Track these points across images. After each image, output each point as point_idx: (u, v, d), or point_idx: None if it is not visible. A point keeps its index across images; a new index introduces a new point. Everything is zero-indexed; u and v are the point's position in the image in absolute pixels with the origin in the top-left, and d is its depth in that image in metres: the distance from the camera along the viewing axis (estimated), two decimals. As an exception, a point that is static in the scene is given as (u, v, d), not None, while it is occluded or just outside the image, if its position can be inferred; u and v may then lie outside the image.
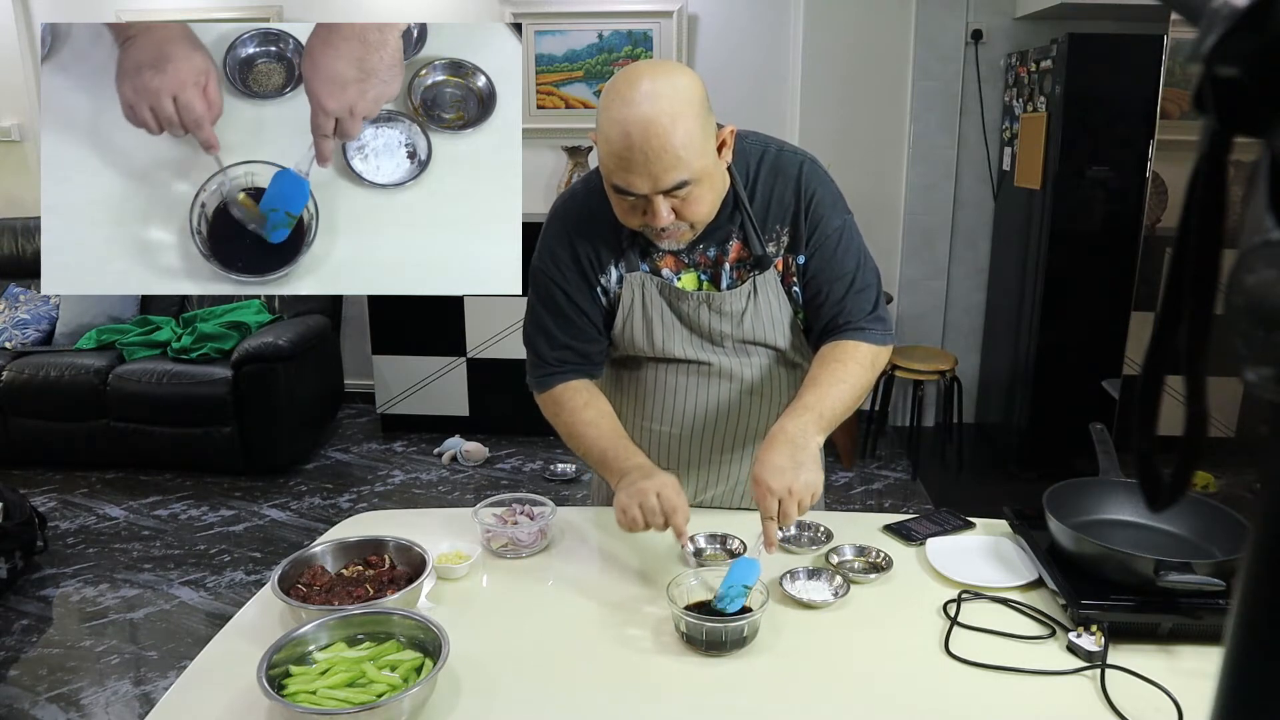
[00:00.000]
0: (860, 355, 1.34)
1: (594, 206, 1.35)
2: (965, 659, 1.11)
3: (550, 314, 1.40)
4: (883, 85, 4.07)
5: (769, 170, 1.35)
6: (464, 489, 3.73)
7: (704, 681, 1.08)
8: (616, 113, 1.16)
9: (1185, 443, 0.39)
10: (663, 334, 1.39)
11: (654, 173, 1.17)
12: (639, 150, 1.15)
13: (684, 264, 1.37)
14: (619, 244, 1.36)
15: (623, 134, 1.16)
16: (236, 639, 1.17)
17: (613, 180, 1.21)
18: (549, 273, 1.39)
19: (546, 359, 1.41)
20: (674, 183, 1.18)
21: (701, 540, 1.36)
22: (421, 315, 4.08)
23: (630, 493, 1.24)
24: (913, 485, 3.76)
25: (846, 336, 1.36)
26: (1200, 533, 1.25)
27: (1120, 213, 3.37)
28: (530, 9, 4.11)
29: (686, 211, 1.23)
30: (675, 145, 1.15)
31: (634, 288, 1.37)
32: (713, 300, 1.36)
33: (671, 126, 1.15)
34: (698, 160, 1.19)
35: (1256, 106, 0.33)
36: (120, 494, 3.66)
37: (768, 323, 1.39)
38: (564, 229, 1.38)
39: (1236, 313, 0.34)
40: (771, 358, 1.43)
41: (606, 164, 1.21)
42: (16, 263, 4.32)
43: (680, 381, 1.44)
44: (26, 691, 2.39)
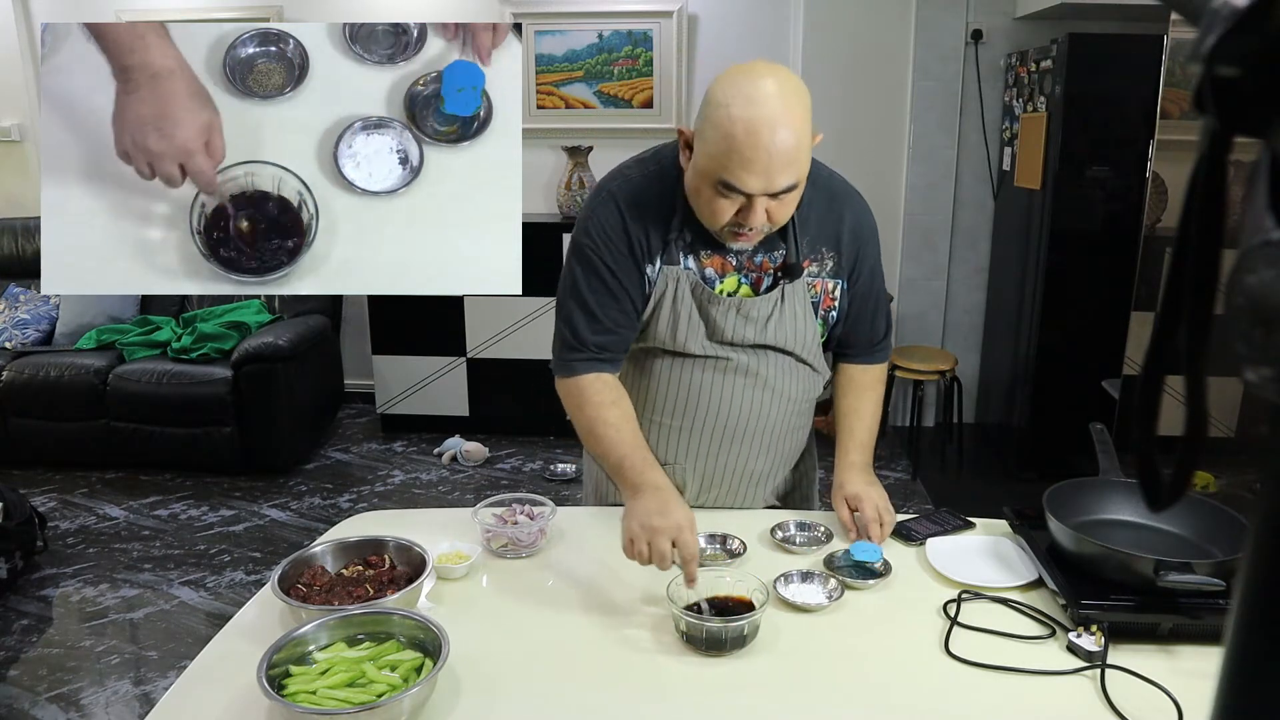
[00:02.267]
0: (883, 375, 1.58)
1: (647, 191, 1.35)
2: (965, 659, 1.11)
3: (594, 289, 1.36)
4: (883, 85, 4.07)
5: (823, 193, 1.39)
6: (464, 489, 3.73)
7: (704, 681, 1.08)
8: (740, 110, 1.16)
9: (1185, 443, 0.39)
10: (686, 332, 1.38)
11: (771, 173, 1.17)
12: (764, 149, 1.16)
13: (731, 266, 1.37)
14: (666, 234, 1.35)
15: (751, 133, 1.15)
16: (236, 639, 1.17)
17: (722, 176, 1.20)
18: (597, 246, 1.35)
19: (585, 341, 1.37)
20: (786, 185, 1.20)
21: (702, 540, 1.34)
22: (421, 315, 4.08)
23: (643, 528, 1.20)
24: (913, 485, 3.76)
25: (873, 358, 1.55)
26: (1200, 533, 1.25)
27: (1120, 213, 3.37)
28: (530, 9, 4.11)
29: (778, 213, 1.24)
30: (793, 147, 1.17)
31: (669, 281, 1.36)
32: (743, 306, 1.36)
33: (796, 133, 1.17)
34: (805, 164, 1.22)
35: (1256, 106, 0.33)
36: (120, 494, 3.66)
37: (790, 331, 1.39)
38: (616, 207, 1.35)
39: (1236, 313, 0.34)
40: (786, 359, 1.44)
41: (718, 160, 1.19)
42: (16, 263, 4.32)
43: (695, 377, 1.43)
44: (26, 691, 2.39)
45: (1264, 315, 0.33)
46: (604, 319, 1.36)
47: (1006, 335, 3.93)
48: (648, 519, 1.20)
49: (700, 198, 1.26)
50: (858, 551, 1.32)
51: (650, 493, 1.25)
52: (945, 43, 3.95)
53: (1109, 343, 3.39)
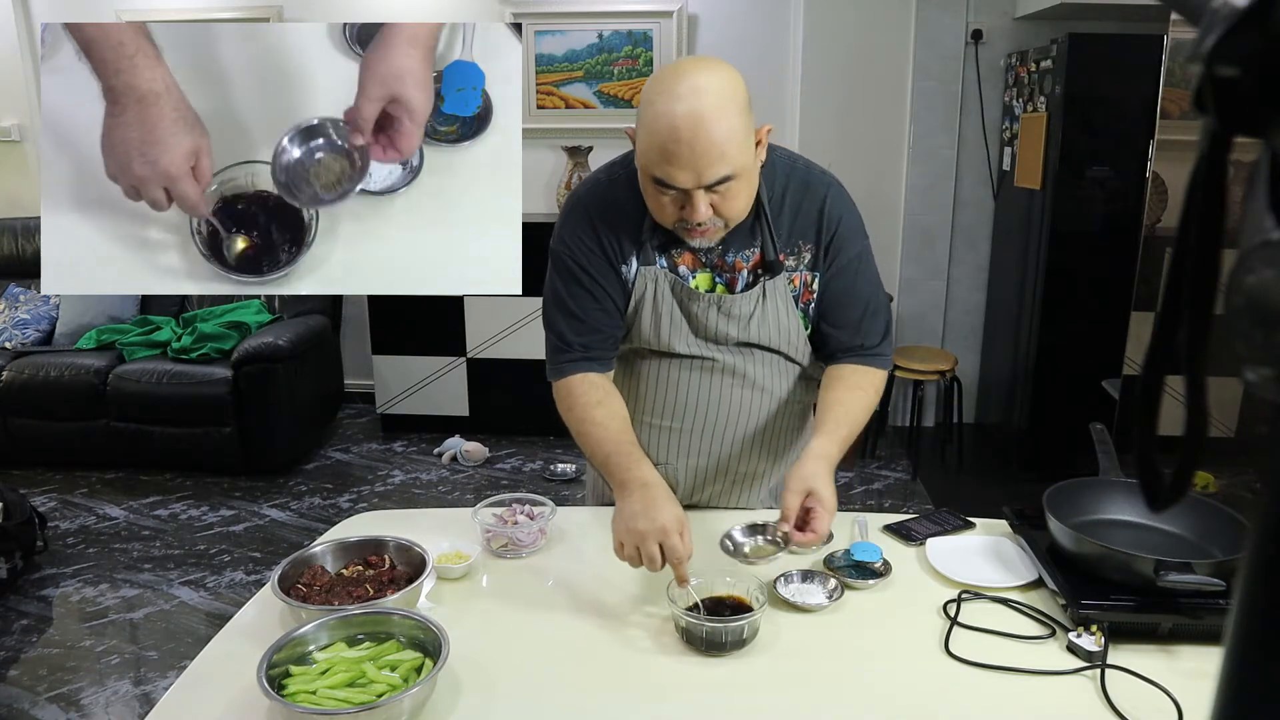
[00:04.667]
0: (878, 381, 1.42)
1: (616, 196, 1.36)
2: (965, 659, 1.11)
3: (573, 294, 1.38)
4: (883, 85, 4.07)
5: (798, 186, 1.37)
6: (464, 489, 3.73)
7: (704, 681, 1.08)
8: (663, 106, 1.17)
9: (1185, 443, 0.39)
10: (669, 330, 1.39)
11: (698, 167, 1.18)
12: (685, 144, 1.16)
13: (701, 264, 1.38)
14: (639, 236, 1.36)
15: (670, 127, 1.16)
16: (236, 639, 1.17)
17: (654, 173, 1.21)
18: (572, 252, 1.38)
19: (570, 343, 1.39)
20: (717, 177, 1.19)
21: (739, 534, 1.27)
22: (421, 315, 4.08)
23: (629, 532, 1.18)
24: (913, 485, 3.76)
25: (866, 362, 1.42)
26: (1200, 533, 1.25)
27: (1120, 213, 3.37)
28: (530, 9, 4.11)
29: (724, 207, 1.24)
30: (720, 140, 1.16)
31: (648, 281, 1.37)
32: (723, 303, 1.37)
33: (717, 121, 1.16)
34: (740, 156, 1.20)
35: (1256, 106, 0.33)
36: (120, 494, 3.66)
37: (774, 328, 1.39)
38: (586, 214, 1.39)
39: (1236, 313, 0.34)
40: (774, 358, 1.44)
41: (649, 156, 1.21)
42: (16, 263, 4.32)
43: (682, 377, 1.44)
44: (26, 691, 2.39)
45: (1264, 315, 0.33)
46: (586, 319, 1.38)
47: (1006, 335, 3.93)
48: (633, 522, 1.18)
49: (647, 196, 1.28)
50: (858, 551, 1.32)
51: (637, 492, 1.22)
52: (945, 43, 3.95)
53: (1109, 343, 3.39)
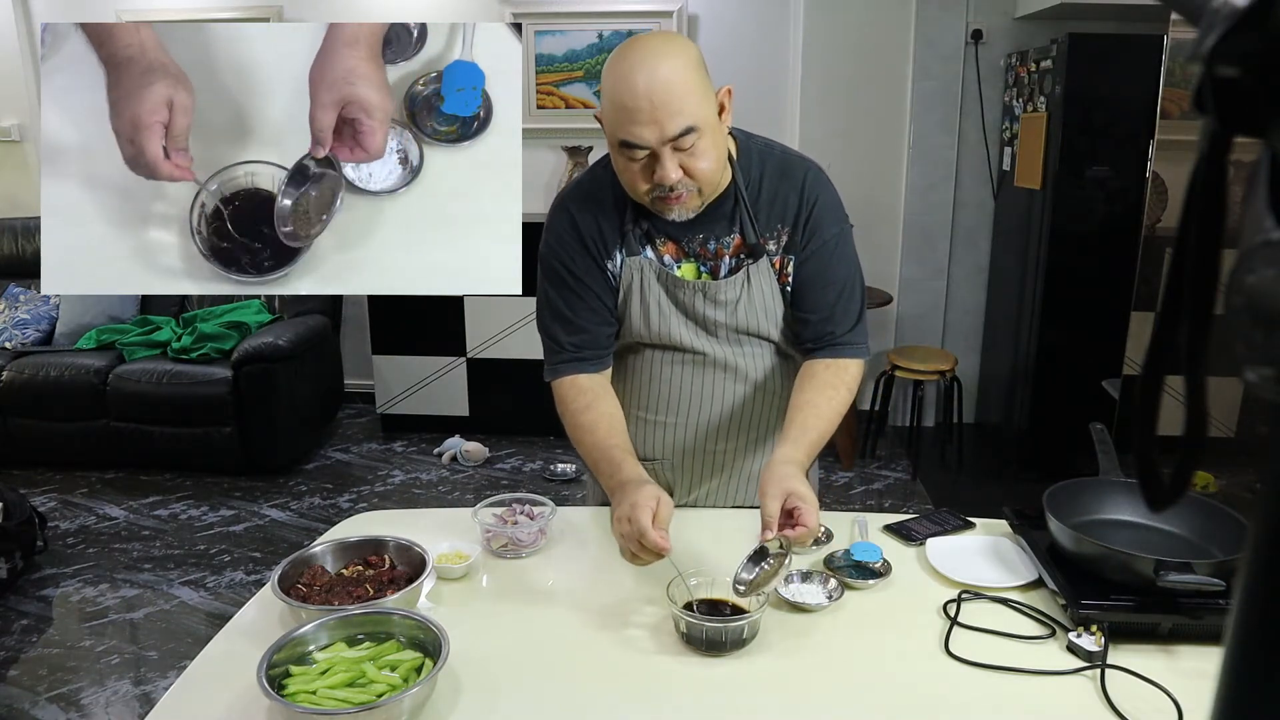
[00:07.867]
0: (849, 378, 1.38)
1: (596, 190, 1.39)
2: (965, 659, 1.11)
3: (561, 295, 1.41)
4: (883, 85, 4.07)
5: (775, 170, 1.38)
6: (464, 489, 3.73)
7: (704, 681, 1.08)
8: (620, 69, 1.20)
9: (1185, 443, 0.39)
10: (660, 319, 1.40)
11: (660, 119, 1.19)
12: (644, 97, 1.18)
13: (684, 253, 1.39)
14: (621, 226, 1.38)
15: (629, 86, 1.19)
16: (236, 639, 1.17)
17: (620, 136, 1.22)
18: (556, 253, 1.41)
19: (562, 344, 1.41)
20: (680, 129, 1.20)
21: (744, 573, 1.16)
22: (421, 315, 4.08)
23: (622, 537, 1.18)
24: (913, 485, 3.76)
25: (837, 354, 1.39)
26: (1200, 533, 1.25)
27: (1120, 213, 3.37)
28: (530, 9, 4.11)
29: (693, 167, 1.24)
30: (679, 91, 1.19)
31: (634, 272, 1.39)
32: (708, 289, 1.38)
33: (672, 74, 1.19)
34: (700, 109, 1.21)
35: (1256, 106, 0.33)
36: (120, 494, 3.66)
37: (760, 312, 1.40)
38: (567, 212, 1.41)
39: (1236, 313, 0.34)
40: (766, 349, 1.44)
41: (613, 120, 1.22)
42: (16, 263, 4.32)
43: (676, 372, 1.45)
44: (26, 691, 2.39)
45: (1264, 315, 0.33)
46: (575, 319, 1.40)
47: (1006, 335, 3.93)
48: (619, 526, 1.19)
49: (619, 171, 1.29)
50: (858, 551, 1.32)
51: (619, 494, 1.23)
52: (945, 43, 3.95)
53: (1109, 343, 3.39)
